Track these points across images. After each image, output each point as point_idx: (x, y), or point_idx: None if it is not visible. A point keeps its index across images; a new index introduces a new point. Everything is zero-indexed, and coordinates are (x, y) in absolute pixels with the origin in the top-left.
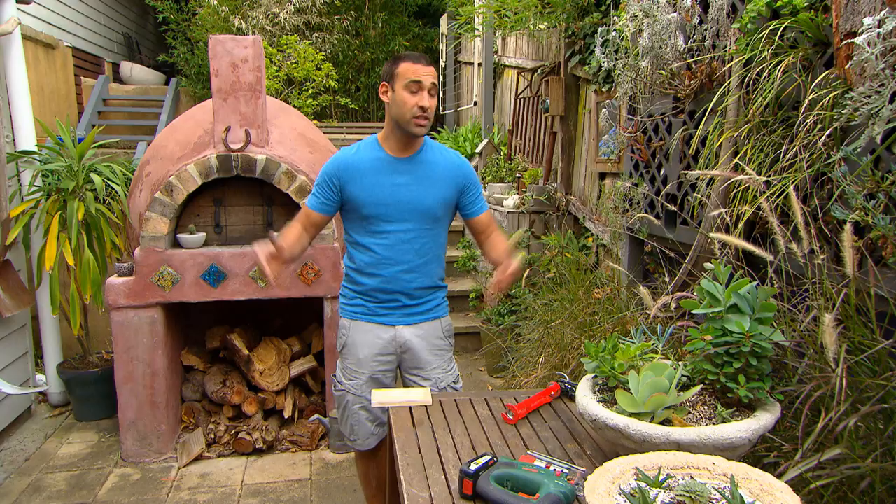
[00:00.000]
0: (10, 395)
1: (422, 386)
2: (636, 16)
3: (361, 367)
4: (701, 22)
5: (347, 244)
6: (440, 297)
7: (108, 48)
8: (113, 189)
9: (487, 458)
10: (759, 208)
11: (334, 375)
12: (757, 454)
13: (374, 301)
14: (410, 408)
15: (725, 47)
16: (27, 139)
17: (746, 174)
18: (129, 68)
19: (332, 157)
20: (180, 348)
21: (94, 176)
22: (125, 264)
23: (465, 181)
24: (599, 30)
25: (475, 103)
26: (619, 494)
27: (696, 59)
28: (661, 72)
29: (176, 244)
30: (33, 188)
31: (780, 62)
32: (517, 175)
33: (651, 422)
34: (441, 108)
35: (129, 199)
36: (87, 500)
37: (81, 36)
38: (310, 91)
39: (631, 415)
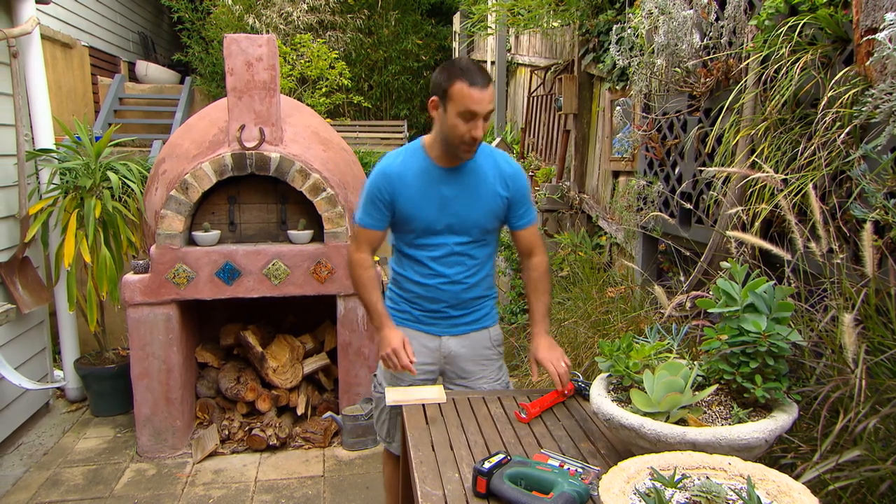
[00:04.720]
0: (29, 391)
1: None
2: (651, 13)
3: (403, 374)
4: (717, 19)
5: (395, 250)
6: (489, 305)
7: (124, 47)
8: (129, 187)
9: (501, 456)
10: (776, 206)
11: (374, 375)
12: (774, 455)
13: (420, 309)
14: (424, 406)
15: (742, 44)
16: (45, 137)
17: (763, 172)
18: (144, 67)
19: (376, 170)
20: (195, 345)
21: (110, 174)
22: (141, 261)
23: (516, 191)
24: (614, 27)
25: None
26: (634, 494)
27: (712, 56)
28: (677, 69)
29: (191, 242)
30: (51, 186)
31: (798, 59)
32: (530, 173)
33: (666, 421)
34: None
35: (144, 196)
36: (103, 494)
37: (98, 35)
38: (323, 89)
39: (646, 414)
